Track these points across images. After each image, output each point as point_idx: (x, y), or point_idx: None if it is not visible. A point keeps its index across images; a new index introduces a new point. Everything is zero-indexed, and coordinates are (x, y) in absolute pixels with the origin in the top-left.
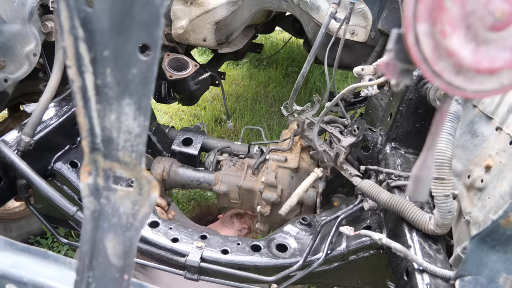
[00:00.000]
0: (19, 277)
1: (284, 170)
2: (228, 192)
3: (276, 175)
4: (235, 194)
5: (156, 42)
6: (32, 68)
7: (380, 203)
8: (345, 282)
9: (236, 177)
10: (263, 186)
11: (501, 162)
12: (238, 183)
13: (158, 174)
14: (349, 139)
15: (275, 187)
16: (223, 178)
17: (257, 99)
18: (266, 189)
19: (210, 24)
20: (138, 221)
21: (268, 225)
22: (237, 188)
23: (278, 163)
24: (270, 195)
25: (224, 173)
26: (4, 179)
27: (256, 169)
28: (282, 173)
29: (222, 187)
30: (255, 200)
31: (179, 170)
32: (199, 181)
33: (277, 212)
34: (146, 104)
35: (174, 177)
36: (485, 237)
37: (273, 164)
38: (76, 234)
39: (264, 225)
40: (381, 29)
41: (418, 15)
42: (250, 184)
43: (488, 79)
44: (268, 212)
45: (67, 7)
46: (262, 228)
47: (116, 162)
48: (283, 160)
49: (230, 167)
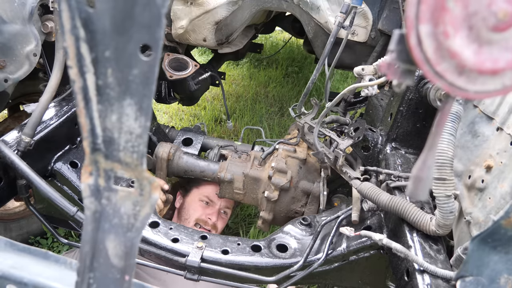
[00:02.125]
0: (20, 278)
1: (293, 160)
2: (233, 180)
3: (286, 162)
4: (240, 183)
5: (157, 43)
6: (32, 68)
7: (380, 205)
8: (345, 282)
9: (242, 167)
10: (273, 171)
11: (502, 162)
12: (244, 171)
13: (165, 153)
14: (346, 142)
15: (285, 173)
16: (228, 166)
17: (257, 99)
18: (276, 174)
19: (210, 24)
20: (139, 221)
21: (272, 214)
22: (242, 176)
23: (288, 153)
24: (280, 179)
25: (230, 162)
26: (4, 179)
27: (263, 160)
28: (291, 162)
29: (227, 174)
30: (260, 189)
31: (183, 156)
32: (203, 169)
33: (284, 199)
34: (147, 105)
35: (178, 162)
36: (486, 237)
37: (283, 152)
38: (76, 234)
39: (269, 213)
40: (381, 29)
41: (420, 15)
42: (257, 173)
43: (491, 80)
44: (276, 197)
45: (68, 7)
46: (267, 217)
47: (117, 162)
48: (292, 151)
49: (236, 158)
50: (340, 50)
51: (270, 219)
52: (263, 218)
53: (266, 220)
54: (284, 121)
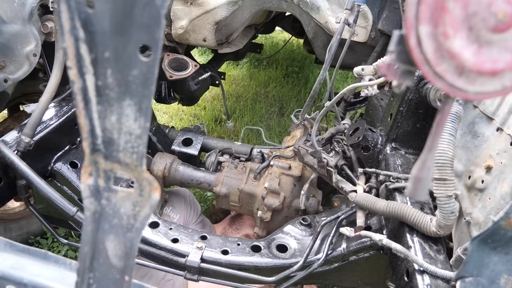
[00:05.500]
0: (19, 278)
1: (288, 178)
2: (228, 194)
3: (280, 182)
4: (235, 197)
5: (156, 43)
6: (32, 68)
7: (378, 212)
8: (345, 282)
9: (238, 180)
10: (266, 191)
11: (501, 162)
12: (239, 186)
13: (160, 171)
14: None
15: (278, 194)
16: (224, 179)
17: (257, 99)
18: (268, 195)
19: (210, 24)
20: (139, 222)
21: (266, 231)
22: (237, 191)
23: (282, 170)
24: (272, 201)
25: (226, 175)
26: (4, 179)
27: (258, 174)
28: (285, 180)
29: (222, 189)
30: (255, 205)
31: (180, 168)
32: (199, 181)
33: (277, 219)
34: (147, 105)
35: (174, 175)
36: (486, 238)
37: (277, 170)
38: (76, 235)
39: (263, 231)
40: (381, 29)
41: (420, 16)
42: (251, 189)
43: (490, 81)
44: (268, 218)
45: (67, 8)
46: (260, 233)
47: (117, 163)
48: (287, 168)
49: (232, 170)
50: (344, 50)
51: (264, 235)
52: (257, 234)
53: (260, 236)
54: (284, 121)
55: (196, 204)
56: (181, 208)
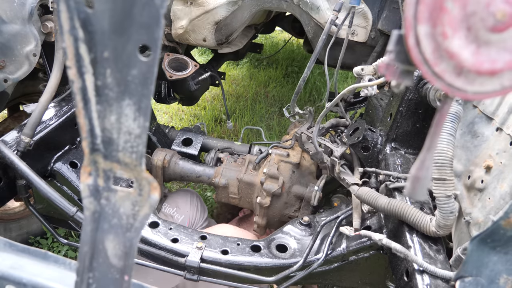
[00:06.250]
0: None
1: (286, 164)
2: (228, 185)
3: (278, 168)
4: (234, 188)
5: (156, 43)
6: (32, 68)
7: (379, 209)
8: (345, 282)
9: (237, 171)
10: (265, 177)
11: (501, 162)
12: (238, 176)
13: (160, 161)
14: (340, 149)
15: (276, 179)
16: (223, 171)
17: (257, 99)
18: (267, 180)
19: (210, 24)
20: (138, 222)
21: (266, 219)
22: (236, 181)
23: (281, 157)
24: (271, 185)
25: (225, 167)
26: (4, 179)
27: (257, 164)
28: (284, 167)
29: (222, 179)
30: (254, 194)
31: (179, 162)
32: (199, 174)
33: (276, 205)
34: (146, 105)
35: (174, 168)
36: (485, 238)
37: (276, 157)
38: (76, 235)
39: (263, 218)
40: (381, 29)
41: (418, 16)
42: (250, 178)
43: (489, 81)
44: (268, 203)
45: (67, 8)
46: (260, 222)
47: (116, 163)
48: (285, 155)
49: (231, 162)
50: (343, 51)
51: (264, 224)
52: (257, 223)
53: (260, 225)
54: (284, 121)
55: (203, 207)
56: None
